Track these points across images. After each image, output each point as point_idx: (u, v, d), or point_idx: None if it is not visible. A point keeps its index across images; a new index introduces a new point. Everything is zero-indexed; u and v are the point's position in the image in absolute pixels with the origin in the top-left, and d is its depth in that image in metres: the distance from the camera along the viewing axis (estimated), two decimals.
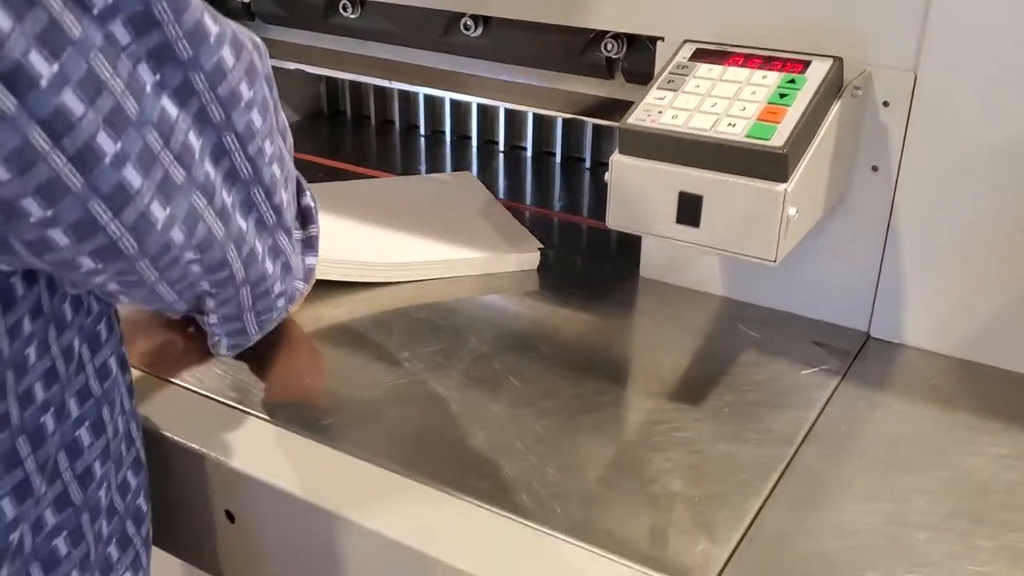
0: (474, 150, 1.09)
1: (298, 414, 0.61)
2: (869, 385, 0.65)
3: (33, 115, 0.33)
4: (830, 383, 0.65)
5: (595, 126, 1.02)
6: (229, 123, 0.42)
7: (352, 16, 0.90)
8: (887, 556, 0.50)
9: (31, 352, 0.42)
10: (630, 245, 0.79)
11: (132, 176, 0.37)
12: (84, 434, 0.47)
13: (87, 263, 0.39)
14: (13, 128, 0.33)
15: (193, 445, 0.58)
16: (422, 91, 1.08)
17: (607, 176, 0.61)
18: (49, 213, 0.36)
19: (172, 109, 0.39)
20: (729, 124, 0.56)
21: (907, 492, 0.55)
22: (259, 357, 0.66)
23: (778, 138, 0.55)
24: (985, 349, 0.67)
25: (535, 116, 1.06)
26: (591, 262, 0.83)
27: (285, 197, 0.49)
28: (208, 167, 0.42)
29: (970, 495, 0.54)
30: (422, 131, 1.14)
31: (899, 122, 0.64)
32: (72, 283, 0.42)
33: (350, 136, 1.14)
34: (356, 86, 1.17)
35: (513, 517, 0.52)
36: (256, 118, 0.44)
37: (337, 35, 0.96)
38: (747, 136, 0.55)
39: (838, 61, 0.60)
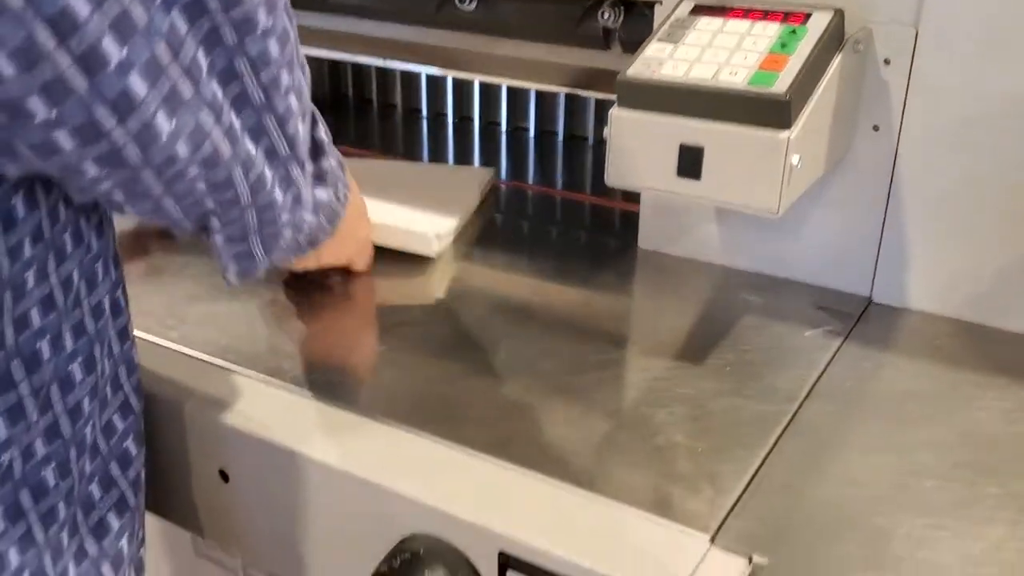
0: (476, 132, 1.08)
1: (295, 374, 0.60)
2: (873, 346, 0.64)
3: (39, 12, 0.34)
4: (833, 344, 0.64)
5: (597, 104, 1.02)
6: (242, 47, 0.42)
7: None
8: (895, 504, 0.49)
9: (30, 276, 0.42)
10: (632, 222, 0.79)
11: (137, 84, 0.37)
12: (77, 369, 0.46)
13: (91, 169, 0.39)
14: (19, 23, 0.33)
15: (186, 404, 0.57)
16: (419, 69, 1.07)
17: (606, 132, 0.60)
18: (54, 114, 0.36)
19: (182, 24, 0.38)
20: (730, 73, 0.56)
21: (914, 444, 0.54)
22: (256, 317, 0.65)
23: (780, 85, 0.54)
24: (990, 311, 0.66)
25: (537, 95, 1.05)
26: (591, 237, 0.82)
27: (301, 129, 0.48)
28: (215, 87, 0.41)
29: (977, 447, 0.53)
30: (424, 113, 1.13)
31: (900, 80, 0.64)
32: (79, 189, 0.42)
33: (353, 120, 1.13)
34: (358, 69, 1.16)
35: (515, 467, 0.51)
36: (273, 47, 0.43)
37: (330, 13, 0.95)
38: (749, 84, 0.55)
39: (839, 13, 0.59)
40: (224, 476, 0.57)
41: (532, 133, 1.06)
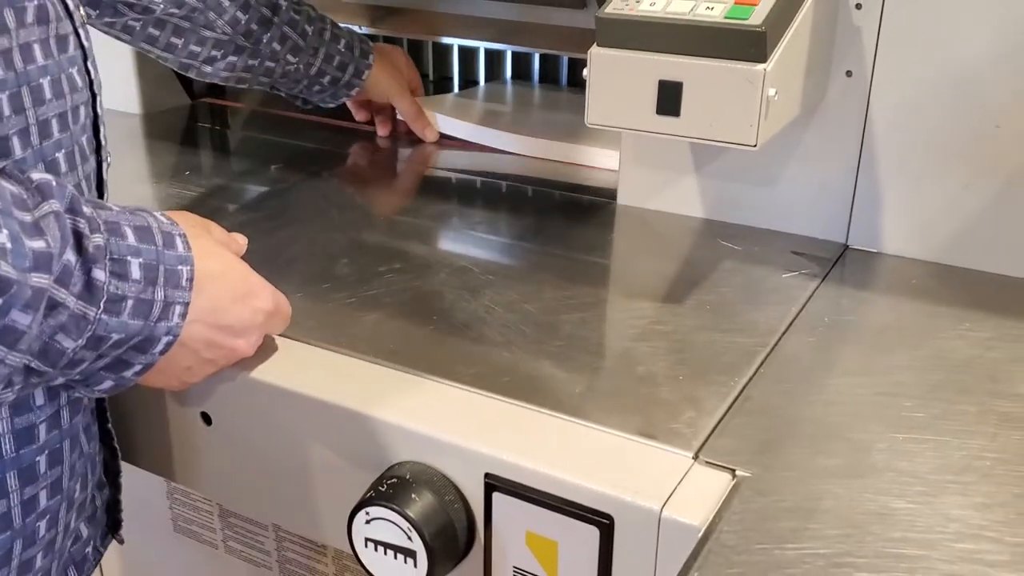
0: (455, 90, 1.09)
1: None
2: (850, 286, 0.65)
3: None
4: (811, 284, 0.65)
5: (570, 61, 1.02)
6: None
7: None
8: (876, 421, 0.50)
9: None
10: (606, 182, 0.79)
11: None
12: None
13: None
14: None
15: None
16: (400, 37, 1.08)
17: (585, 72, 0.60)
18: None
19: None
20: (707, 8, 0.56)
21: (893, 369, 0.55)
22: None
23: (756, 17, 0.55)
24: (965, 253, 0.67)
25: (513, 55, 1.05)
26: (568, 194, 0.82)
27: None
28: None
29: (954, 369, 0.54)
30: None
31: (872, 25, 0.65)
32: None
33: None
34: None
35: (504, 399, 0.51)
36: None
37: None
38: (726, 17, 0.55)
39: None
40: (207, 419, 0.57)
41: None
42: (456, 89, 1.09)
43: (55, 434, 0.49)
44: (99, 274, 0.42)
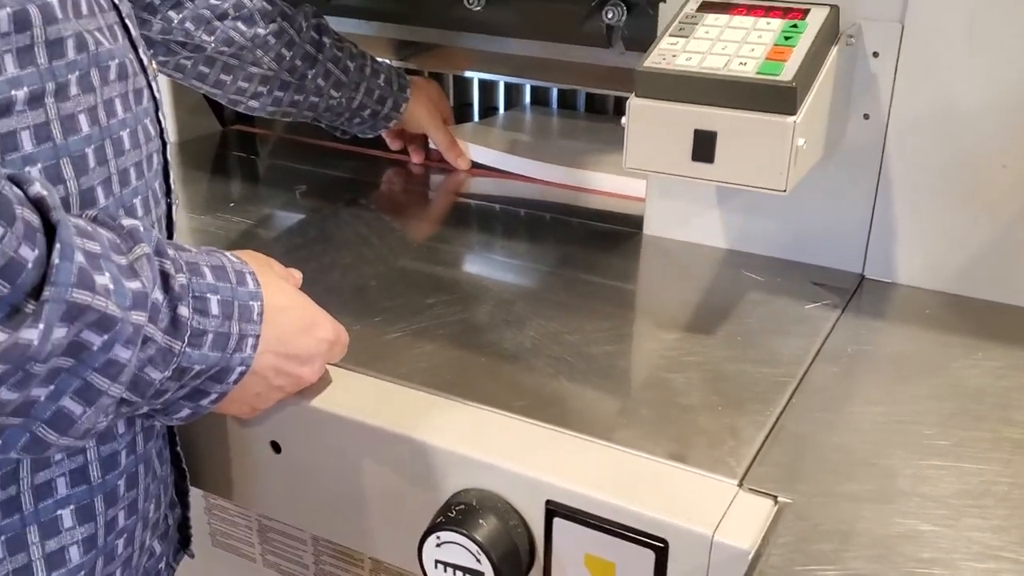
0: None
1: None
2: (868, 316, 0.70)
3: None
4: (832, 315, 0.69)
5: (588, 96, 1.07)
6: None
7: None
8: (900, 447, 0.54)
9: None
10: (631, 210, 0.84)
11: None
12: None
13: None
14: None
15: None
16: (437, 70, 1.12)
17: (623, 120, 0.65)
18: None
19: None
20: (740, 63, 0.61)
21: (913, 398, 0.59)
22: None
23: (787, 73, 0.59)
24: (975, 283, 0.72)
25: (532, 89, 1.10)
26: (596, 223, 0.87)
27: None
28: None
29: (969, 398, 0.59)
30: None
31: (888, 71, 0.69)
32: None
33: None
34: None
35: (555, 428, 0.56)
36: None
37: (338, 16, 0.99)
38: (758, 73, 0.60)
39: (834, 8, 0.65)
40: (276, 448, 0.61)
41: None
42: (476, 116, 1.13)
43: (132, 459, 0.54)
44: (184, 311, 0.47)
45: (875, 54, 0.69)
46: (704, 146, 0.62)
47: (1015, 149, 0.67)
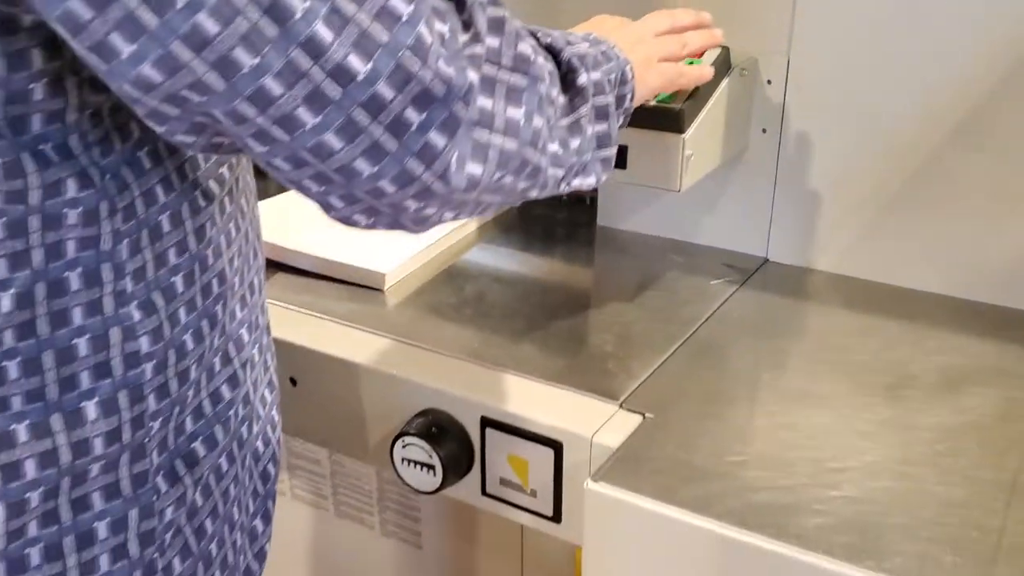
0: None
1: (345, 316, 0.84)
2: (760, 289, 0.88)
3: None
4: (731, 289, 0.88)
5: None
6: None
7: None
8: (764, 388, 0.73)
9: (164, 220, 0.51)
10: (580, 199, 1.03)
11: (324, 31, 0.41)
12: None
13: (305, 115, 0.43)
14: None
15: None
16: None
17: None
18: (257, 61, 0.41)
19: None
20: None
21: (783, 350, 0.77)
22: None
23: (678, 101, 0.78)
24: (853, 264, 0.89)
25: None
26: (551, 213, 1.05)
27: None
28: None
29: (833, 350, 0.77)
30: None
31: (779, 95, 0.87)
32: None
33: None
34: None
35: (493, 367, 0.75)
36: None
37: None
38: (658, 101, 0.78)
39: (725, 50, 0.83)
40: (293, 382, 0.81)
41: None
42: None
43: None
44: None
45: (768, 81, 0.87)
46: (620, 156, 0.80)
47: (881, 153, 0.85)
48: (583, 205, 1.04)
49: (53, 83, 0.45)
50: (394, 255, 0.90)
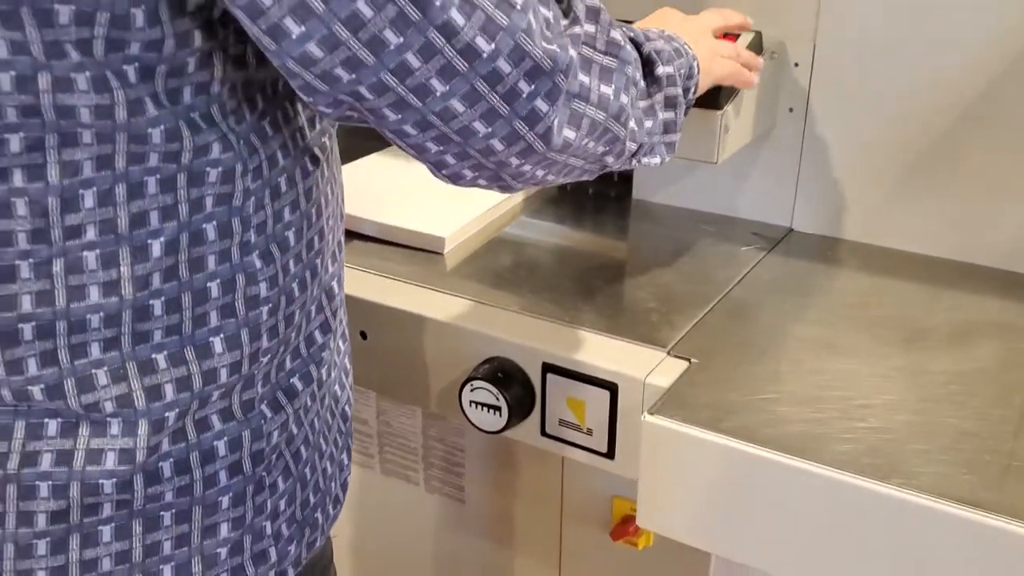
0: None
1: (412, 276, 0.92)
2: (786, 255, 0.96)
3: None
4: (759, 255, 0.96)
5: None
6: None
7: None
8: (796, 339, 0.81)
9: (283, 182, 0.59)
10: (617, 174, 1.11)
11: (457, 17, 0.49)
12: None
13: (437, 85, 0.51)
14: None
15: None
16: None
17: None
18: (401, 40, 0.49)
19: None
20: None
21: (809, 307, 0.86)
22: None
23: None
24: (871, 232, 0.98)
25: None
26: (589, 187, 1.14)
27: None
28: None
29: (855, 307, 0.85)
30: None
31: (805, 76, 0.95)
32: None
33: None
34: None
35: (552, 319, 0.83)
36: None
37: None
38: None
39: (758, 34, 0.91)
40: (363, 335, 0.89)
41: None
42: None
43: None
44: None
45: (796, 64, 0.95)
46: None
47: (898, 131, 0.93)
48: (619, 180, 1.12)
49: (204, 59, 0.52)
50: (451, 222, 0.97)
